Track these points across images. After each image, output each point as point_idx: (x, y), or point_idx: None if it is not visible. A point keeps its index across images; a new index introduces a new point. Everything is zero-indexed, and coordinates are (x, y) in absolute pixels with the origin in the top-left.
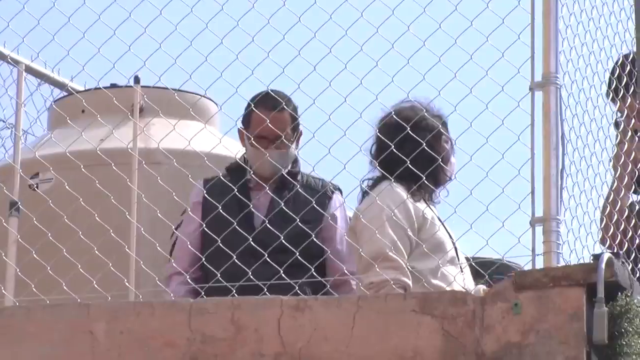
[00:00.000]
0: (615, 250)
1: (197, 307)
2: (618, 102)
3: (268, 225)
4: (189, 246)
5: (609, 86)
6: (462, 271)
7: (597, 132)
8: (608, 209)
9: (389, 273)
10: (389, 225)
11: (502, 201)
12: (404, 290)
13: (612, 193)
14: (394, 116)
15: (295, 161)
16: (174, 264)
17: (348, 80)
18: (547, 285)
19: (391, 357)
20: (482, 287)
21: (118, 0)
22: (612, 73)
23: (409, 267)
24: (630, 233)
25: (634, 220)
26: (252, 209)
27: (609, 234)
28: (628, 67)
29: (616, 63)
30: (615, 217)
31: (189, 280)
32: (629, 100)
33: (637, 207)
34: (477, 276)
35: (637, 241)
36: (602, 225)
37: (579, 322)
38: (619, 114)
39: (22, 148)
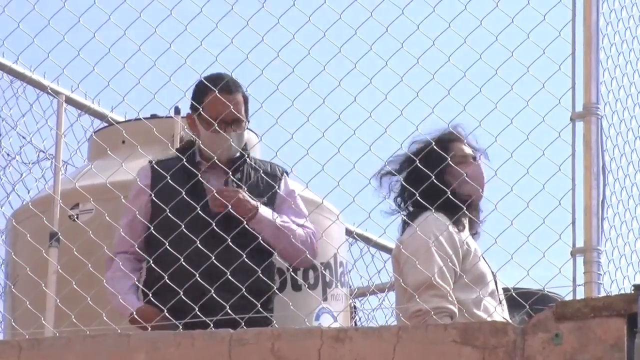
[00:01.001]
0: None
1: (237, 338)
2: None
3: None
4: (134, 229)
5: None
6: (501, 303)
7: (638, 163)
8: None
9: (435, 301)
10: (436, 253)
11: (542, 232)
12: (450, 318)
13: None
14: (435, 147)
15: (246, 144)
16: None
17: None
18: (587, 316)
19: None
20: None
21: (158, 31)
22: None
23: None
24: None
25: None
26: (206, 192)
27: None
28: None
29: None
30: None
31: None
32: None
33: None
34: (517, 307)
35: None
36: None
37: (619, 353)
38: None
39: (62, 179)
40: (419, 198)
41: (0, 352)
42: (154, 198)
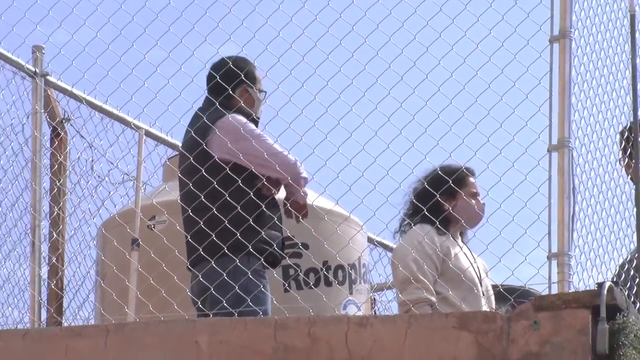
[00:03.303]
0: (616, 280)
1: (280, 323)
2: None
3: None
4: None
5: (627, 142)
6: (483, 295)
7: (601, 186)
8: None
9: (418, 293)
10: (418, 255)
11: (524, 240)
12: (430, 307)
13: None
14: (440, 173)
15: None
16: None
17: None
18: (560, 307)
19: None
20: None
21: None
22: (622, 135)
23: (437, 291)
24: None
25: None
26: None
27: None
28: (626, 134)
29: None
30: None
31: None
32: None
33: None
34: (504, 300)
35: (632, 272)
36: None
37: (585, 337)
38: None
39: (142, 196)
40: (428, 214)
41: (92, 334)
42: None
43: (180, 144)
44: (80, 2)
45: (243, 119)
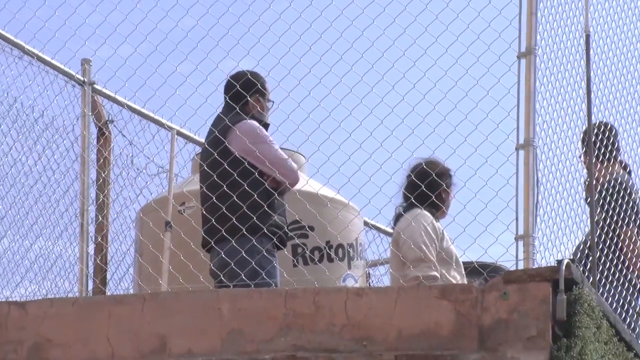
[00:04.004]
0: (572, 258)
1: (290, 293)
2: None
3: None
4: None
5: (582, 143)
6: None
7: (560, 178)
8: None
9: (428, 271)
10: (426, 238)
11: (496, 224)
12: (435, 282)
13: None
14: (425, 167)
15: None
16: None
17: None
18: (525, 281)
19: (421, 327)
20: None
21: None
22: (585, 133)
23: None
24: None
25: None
26: None
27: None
28: (581, 136)
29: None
30: None
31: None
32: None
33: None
34: (478, 274)
35: (586, 252)
36: None
37: (547, 305)
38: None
39: (174, 186)
40: (413, 201)
41: (131, 302)
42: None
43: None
44: (122, 22)
45: (258, 125)
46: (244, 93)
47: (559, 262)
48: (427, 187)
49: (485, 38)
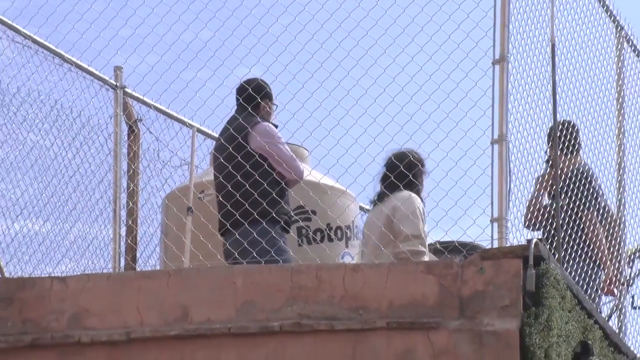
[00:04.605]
0: (540, 238)
1: (296, 269)
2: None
3: None
4: None
5: (548, 138)
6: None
7: (529, 169)
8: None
9: (420, 247)
10: (420, 217)
11: (474, 208)
12: (423, 257)
13: (533, 198)
14: (410, 156)
15: None
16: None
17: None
18: (500, 257)
19: (409, 298)
20: None
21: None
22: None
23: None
24: (544, 223)
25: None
26: None
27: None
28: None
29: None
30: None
31: None
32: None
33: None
34: (459, 252)
35: (548, 228)
36: (526, 216)
37: (518, 279)
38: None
39: (195, 176)
40: (400, 185)
41: (157, 277)
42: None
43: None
44: (149, 34)
45: (272, 127)
46: (256, 96)
47: (529, 241)
48: (410, 172)
49: (465, 47)
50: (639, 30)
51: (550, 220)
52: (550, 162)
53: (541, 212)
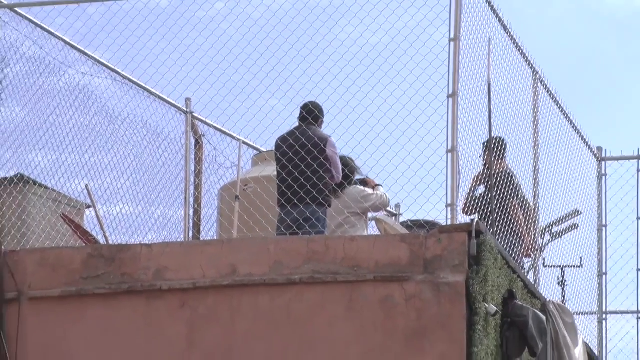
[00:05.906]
0: (478, 218)
1: (309, 239)
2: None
3: None
4: None
5: (484, 149)
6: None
7: (476, 170)
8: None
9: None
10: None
11: (434, 198)
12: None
13: (470, 192)
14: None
15: None
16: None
17: None
18: (452, 231)
19: (389, 259)
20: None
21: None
22: (486, 142)
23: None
24: (478, 209)
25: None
26: None
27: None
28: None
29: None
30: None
31: None
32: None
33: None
34: (423, 228)
35: (482, 213)
36: (465, 203)
37: (464, 247)
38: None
39: (241, 174)
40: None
41: (215, 244)
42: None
43: (260, 148)
44: (210, 75)
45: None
46: (318, 114)
47: (472, 220)
48: (351, 172)
49: (427, 85)
50: (549, 71)
51: (483, 207)
52: (486, 165)
53: (476, 201)
